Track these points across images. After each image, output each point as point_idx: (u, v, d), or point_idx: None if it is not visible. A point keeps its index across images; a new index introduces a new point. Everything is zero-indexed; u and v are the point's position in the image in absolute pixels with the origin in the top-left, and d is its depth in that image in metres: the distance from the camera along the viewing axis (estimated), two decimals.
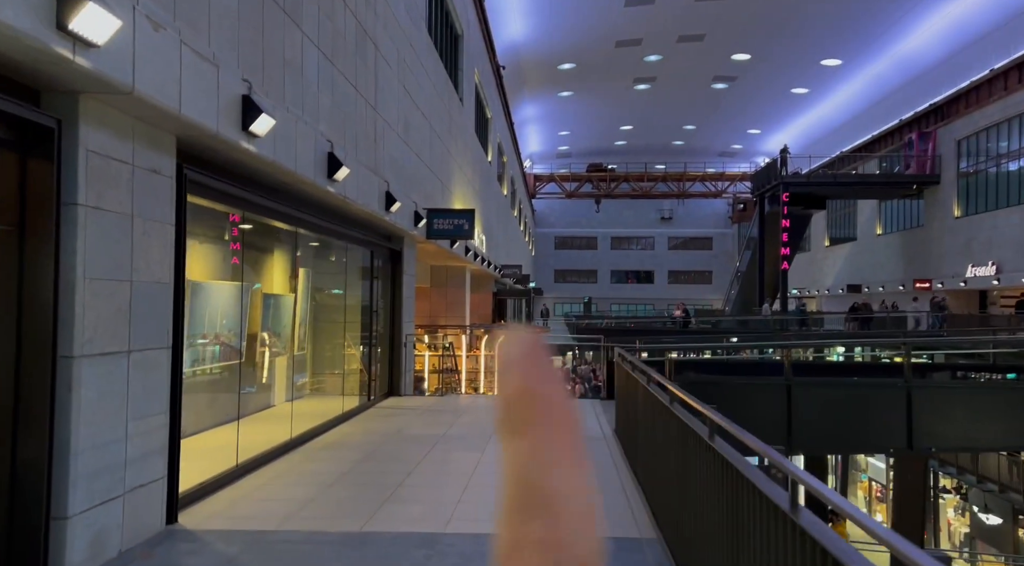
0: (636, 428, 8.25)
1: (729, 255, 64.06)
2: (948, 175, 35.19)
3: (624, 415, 9.69)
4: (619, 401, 10.26)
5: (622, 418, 9.99)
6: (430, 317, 22.48)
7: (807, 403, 10.38)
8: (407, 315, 14.86)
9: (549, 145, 54.82)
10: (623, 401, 9.88)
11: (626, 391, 9.49)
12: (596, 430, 11.03)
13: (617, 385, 10.35)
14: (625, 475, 8.31)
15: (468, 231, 14.98)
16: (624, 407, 9.71)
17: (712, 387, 10.24)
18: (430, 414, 12.41)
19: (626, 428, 9.35)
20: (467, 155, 22.91)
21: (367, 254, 13.25)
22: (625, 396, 9.59)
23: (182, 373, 6.50)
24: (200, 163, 6.85)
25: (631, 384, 8.87)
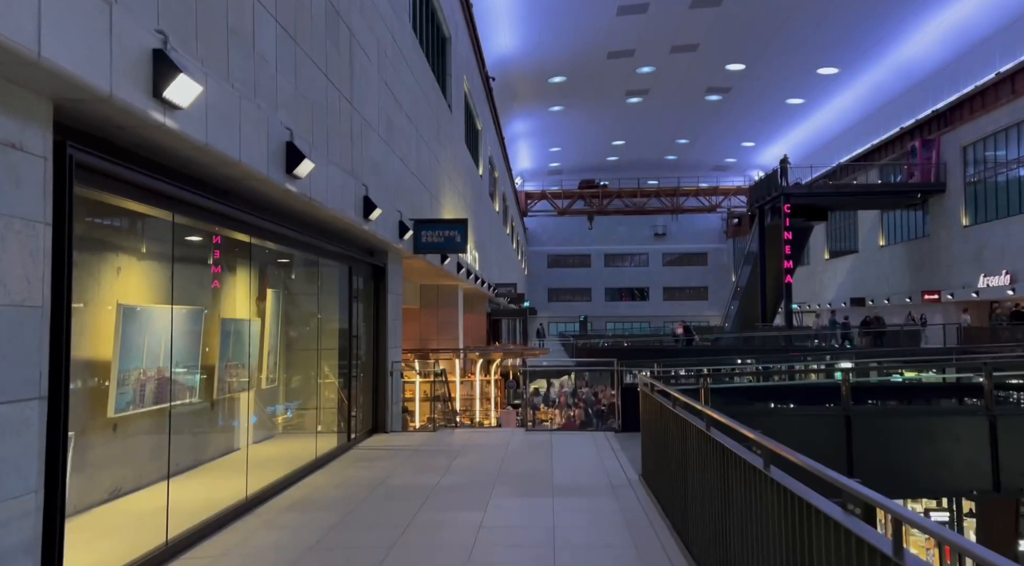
0: (679, 478, 6.40)
1: (725, 270, 62.45)
2: (954, 183, 33.66)
3: (656, 457, 7.83)
4: (647, 439, 8.42)
5: (652, 460, 8.13)
6: (420, 340, 20.57)
7: (870, 436, 8.56)
8: (393, 340, 12.98)
9: (540, 162, 53.21)
10: (653, 440, 8.03)
11: (659, 428, 7.64)
12: (617, 475, 9.14)
13: (644, 420, 8.52)
14: (667, 538, 6.44)
15: (461, 244, 13.15)
16: (656, 447, 7.86)
17: (755, 419, 8.38)
18: (420, 456, 10.50)
19: (660, 474, 7.49)
20: (457, 166, 21.14)
21: (345, 271, 11.39)
22: (657, 434, 7.74)
23: (66, 432, 4.60)
24: (100, 145, 5.01)
25: (667, 420, 7.03)
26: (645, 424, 8.60)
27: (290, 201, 7.94)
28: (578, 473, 9.16)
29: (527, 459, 10.10)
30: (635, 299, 63.11)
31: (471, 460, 10.09)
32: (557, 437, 11.95)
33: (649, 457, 8.37)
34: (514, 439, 11.83)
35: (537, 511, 7.34)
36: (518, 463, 9.80)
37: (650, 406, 8.24)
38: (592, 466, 9.62)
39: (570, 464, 9.74)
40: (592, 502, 7.74)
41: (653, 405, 8.05)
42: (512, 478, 8.88)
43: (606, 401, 24.47)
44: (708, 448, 5.29)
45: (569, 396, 23.85)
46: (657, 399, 7.67)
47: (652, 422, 8.17)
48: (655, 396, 7.88)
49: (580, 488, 8.34)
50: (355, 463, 10.02)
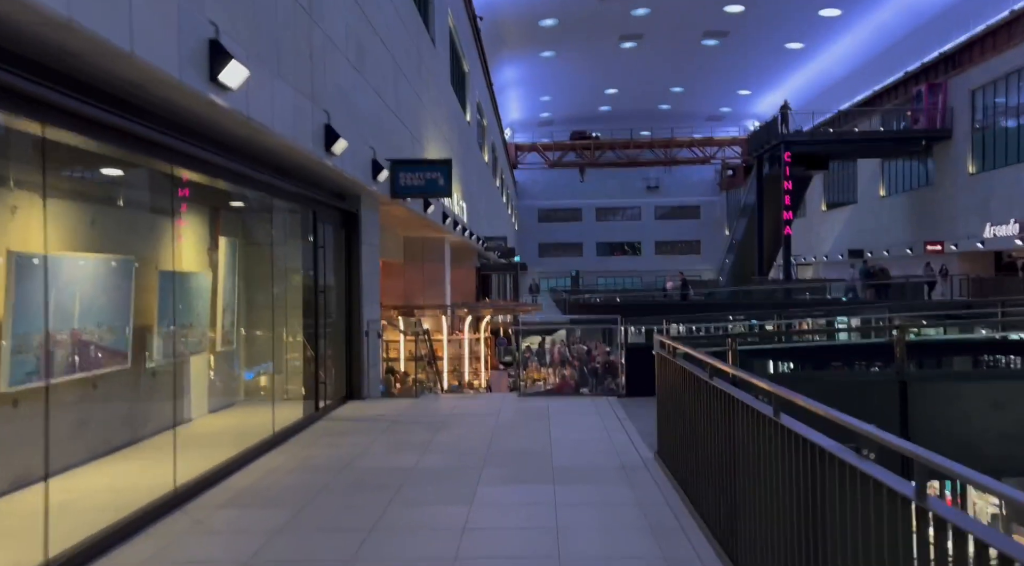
0: (720, 469, 4.91)
1: (718, 224, 60.87)
2: (961, 129, 31.97)
3: (679, 435, 6.34)
4: (665, 412, 6.91)
5: (673, 437, 6.64)
6: (405, 296, 18.98)
7: (929, 405, 7.10)
8: (369, 296, 11.39)
9: (530, 112, 51.06)
10: (674, 414, 6.53)
11: (683, 400, 6.14)
12: (627, 452, 7.65)
13: (662, 389, 7.02)
14: (703, 546, 4.96)
15: (444, 187, 11.49)
16: (678, 423, 6.36)
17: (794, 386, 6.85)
18: (398, 429, 8.98)
19: (686, 457, 6.01)
20: (442, 109, 19.32)
21: (308, 217, 9.73)
22: (680, 408, 6.24)
23: None
24: None
25: (699, 393, 5.52)
26: (663, 394, 7.09)
27: (223, 121, 6.26)
28: (581, 450, 7.67)
29: (521, 432, 8.61)
30: (627, 254, 61.58)
31: (457, 434, 8.58)
32: (554, 404, 10.46)
33: (668, 433, 6.88)
34: (506, 407, 10.34)
35: (535, 506, 5.85)
36: (511, 438, 8.31)
37: (670, 373, 6.72)
38: (597, 440, 8.13)
39: (571, 438, 8.26)
40: (602, 491, 6.25)
41: (674, 372, 6.53)
42: (504, 458, 7.38)
43: (601, 359, 23.07)
44: (776, 439, 3.76)
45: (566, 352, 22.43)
46: (682, 366, 6.14)
47: (672, 392, 6.65)
48: (677, 361, 6.35)
49: (585, 471, 6.86)
50: (321, 438, 8.50)
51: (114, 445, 7.69)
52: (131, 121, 5.26)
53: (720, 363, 4.97)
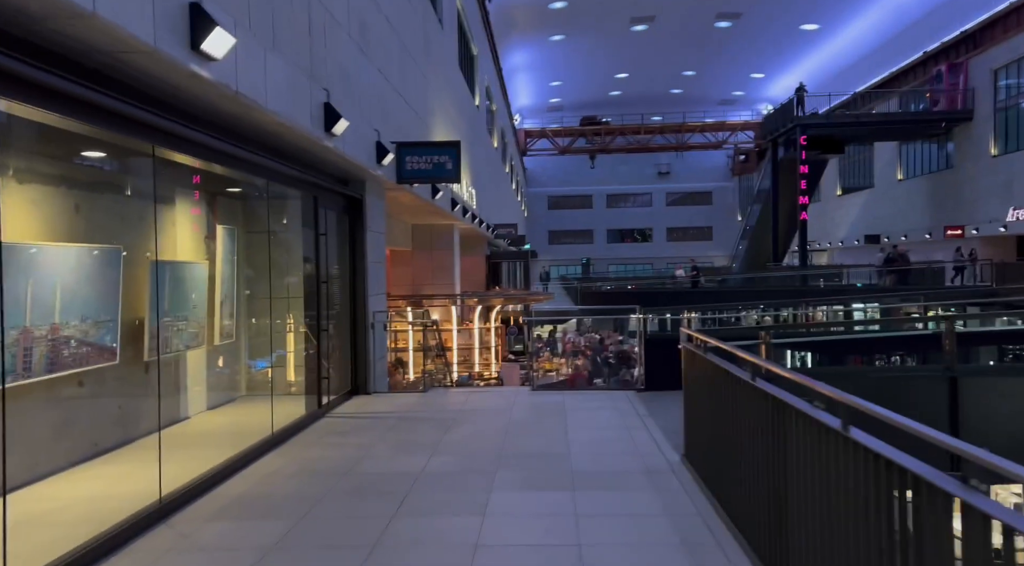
0: (763, 485, 4.35)
1: (730, 209, 60.03)
2: (983, 110, 31.07)
3: (710, 437, 5.78)
4: (695, 412, 6.35)
5: (703, 440, 6.08)
6: (413, 286, 18.46)
7: (982, 402, 6.50)
8: (374, 286, 10.84)
9: (540, 98, 50.25)
10: (705, 414, 5.97)
11: (716, 400, 5.58)
12: (651, 454, 7.10)
13: (690, 386, 6.45)
14: (733, 551, 4.41)
15: (452, 171, 10.91)
16: (710, 425, 5.80)
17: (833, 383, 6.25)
18: (405, 426, 8.45)
19: (720, 463, 5.45)
20: (450, 92, 18.70)
21: (310, 203, 9.17)
22: (713, 408, 5.68)
23: None
24: None
25: (736, 394, 4.96)
26: (691, 392, 6.52)
27: (210, 96, 5.70)
28: (601, 452, 7.12)
29: (536, 431, 8.06)
30: (638, 240, 60.84)
31: (467, 432, 8.04)
32: (570, 399, 9.91)
33: (697, 435, 6.31)
34: (518, 402, 9.79)
35: (555, 517, 5.30)
36: (525, 437, 7.76)
37: (699, 370, 6.15)
38: (617, 440, 7.58)
39: (590, 437, 7.70)
40: (626, 500, 5.70)
41: (704, 369, 5.96)
42: (519, 460, 6.84)
43: (613, 348, 22.49)
44: (845, 455, 3.19)
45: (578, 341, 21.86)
46: (714, 362, 5.56)
47: (703, 391, 6.09)
48: (709, 357, 5.78)
49: (607, 476, 6.30)
50: (323, 437, 7.97)
51: (103, 447, 7.21)
52: (105, 95, 4.70)
53: (772, 365, 4.38)
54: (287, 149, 8.01)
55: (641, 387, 10.32)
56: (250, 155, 7.04)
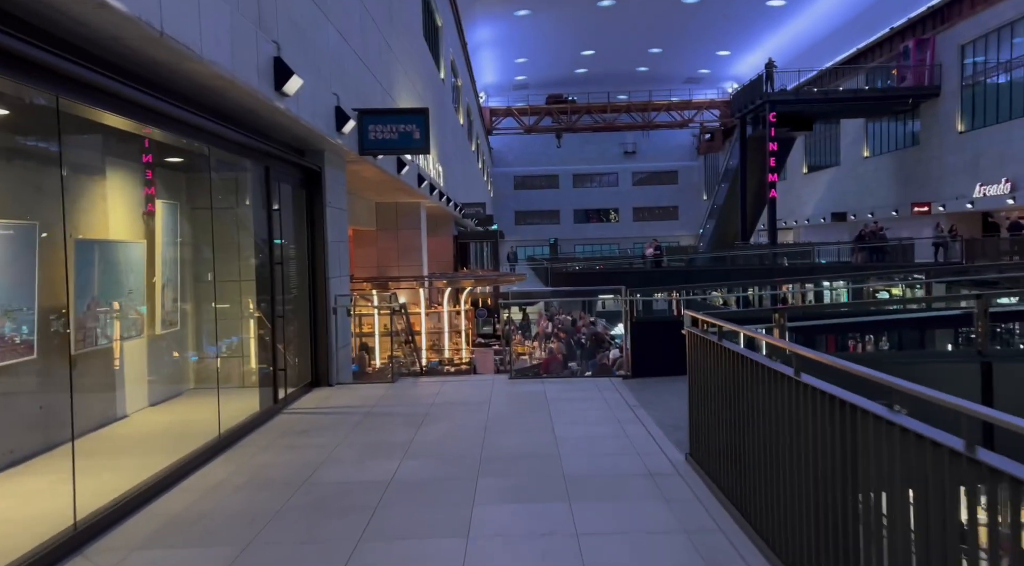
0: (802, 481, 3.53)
1: (696, 189, 59.62)
2: (950, 86, 30.80)
3: (724, 433, 4.96)
4: (703, 406, 5.51)
5: (714, 434, 5.26)
6: (378, 267, 17.44)
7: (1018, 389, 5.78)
8: (336, 267, 9.84)
9: (505, 75, 49.06)
10: (718, 408, 5.14)
11: (732, 393, 4.75)
12: (651, 452, 6.27)
13: (697, 376, 5.61)
14: None
15: (420, 142, 9.92)
16: (723, 418, 4.98)
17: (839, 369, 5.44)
18: (371, 423, 7.51)
19: (738, 461, 4.63)
20: (415, 62, 17.60)
21: (260, 174, 8.12)
22: (728, 402, 4.85)
23: None
24: None
25: (760, 382, 4.14)
26: (698, 383, 5.68)
27: (127, 36, 4.65)
28: (595, 451, 6.27)
29: (519, 427, 7.18)
30: (604, 221, 60.17)
31: (442, 430, 7.12)
32: (552, 388, 9.04)
33: (707, 433, 5.48)
34: (496, 392, 8.90)
35: (552, 537, 4.43)
36: (508, 434, 6.88)
37: (710, 359, 5.31)
38: (611, 436, 6.73)
39: (580, 433, 6.85)
40: (633, 511, 4.85)
41: (716, 357, 5.12)
42: (503, 464, 5.95)
43: (586, 330, 21.72)
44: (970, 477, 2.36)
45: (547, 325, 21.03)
46: (734, 351, 4.72)
47: (714, 382, 5.25)
48: (724, 345, 4.94)
49: (606, 482, 5.45)
50: (279, 438, 7.00)
51: (19, 455, 6.18)
52: None
53: (834, 360, 3.53)
54: (233, 110, 6.97)
55: (627, 374, 9.49)
56: (188, 115, 5.99)
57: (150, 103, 5.36)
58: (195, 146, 7.08)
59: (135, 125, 5.91)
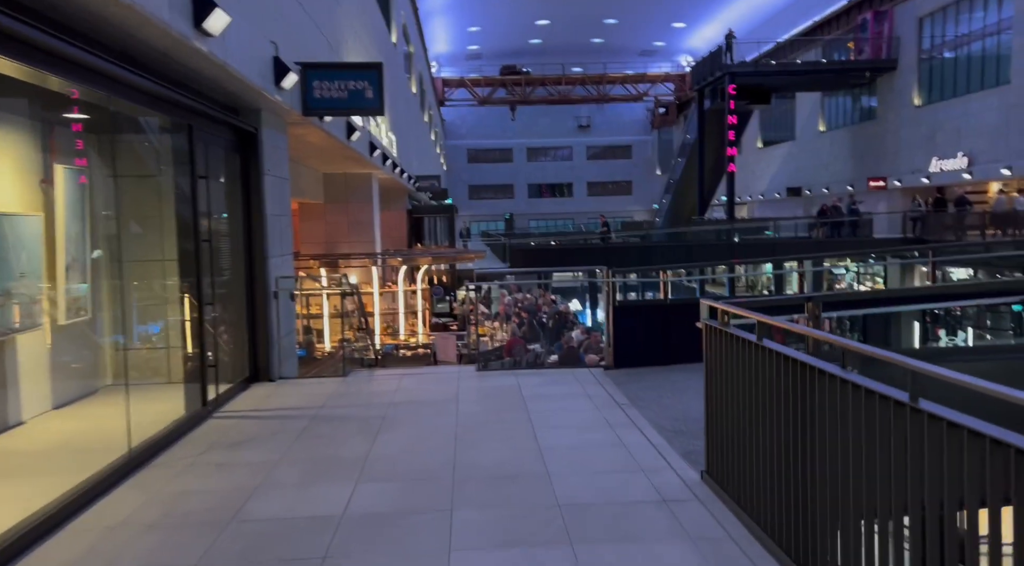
0: None
1: (649, 164, 58.91)
2: (907, 59, 30.31)
3: (757, 451, 3.92)
4: (726, 413, 4.46)
5: (743, 451, 4.22)
6: (327, 244, 16.06)
7: None
8: (277, 245, 8.52)
9: (458, 45, 47.31)
10: (746, 416, 4.10)
11: (772, 399, 3.70)
12: (656, 468, 5.20)
13: (718, 375, 4.55)
14: None
15: (373, 101, 8.61)
16: (755, 432, 3.94)
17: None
18: (320, 429, 6.29)
19: (780, 489, 3.59)
20: (365, 23, 16.10)
21: (182, 133, 6.74)
22: (771, 408, 3.80)
23: None
24: None
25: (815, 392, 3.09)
26: (721, 387, 4.61)
27: None
28: (590, 466, 5.18)
29: (495, 433, 6.04)
30: (558, 196, 59.10)
31: (404, 439, 5.95)
32: (526, 382, 7.91)
33: (732, 450, 4.43)
34: (464, 387, 7.75)
35: None
36: (483, 445, 5.74)
37: (739, 358, 4.25)
38: (604, 445, 5.66)
39: (568, 442, 5.75)
40: (653, 559, 3.77)
41: (748, 357, 4.07)
42: (481, 488, 4.82)
43: (548, 310, 20.66)
44: None
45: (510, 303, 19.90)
46: (774, 351, 3.66)
47: (746, 387, 4.19)
48: (764, 345, 3.87)
49: (612, 512, 4.36)
50: (205, 453, 5.74)
51: None
52: None
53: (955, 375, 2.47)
54: (145, 53, 5.59)
55: (608, 364, 8.43)
56: (86, 56, 4.64)
57: (35, 38, 4.01)
58: (103, 100, 5.70)
59: (23, 69, 4.55)
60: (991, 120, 25.97)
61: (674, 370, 8.04)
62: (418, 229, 23.60)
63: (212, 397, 6.99)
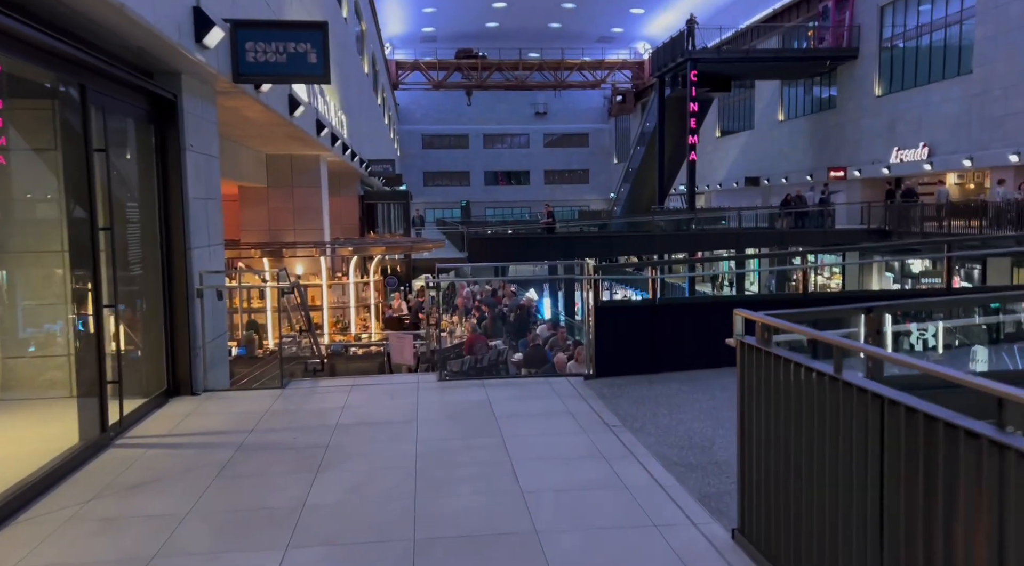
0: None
1: (606, 152, 58.09)
2: (868, 47, 29.86)
3: (802, 504, 2.85)
4: (776, 454, 3.40)
5: (799, 513, 3.15)
6: (270, 231, 14.64)
7: None
8: (202, 234, 7.18)
9: (412, 26, 45.59)
10: (806, 463, 3.03)
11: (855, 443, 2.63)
12: (675, 524, 4.11)
13: (758, 405, 3.47)
14: None
15: (317, 67, 7.31)
16: (816, 481, 2.87)
17: None
18: (247, 464, 5.04)
19: None
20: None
21: (72, 95, 5.37)
22: (835, 455, 2.73)
23: None
24: None
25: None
26: (764, 420, 3.53)
27: None
28: (588, 519, 4.05)
29: (465, 470, 4.86)
30: (514, 183, 57.89)
31: (350, 480, 4.74)
32: (497, 396, 6.73)
33: (781, 506, 3.36)
34: (424, 403, 6.56)
35: None
36: (450, 487, 4.56)
37: (794, 389, 3.17)
38: (601, 486, 4.54)
39: (555, 481, 4.61)
40: None
41: (809, 390, 3.00)
42: (451, 556, 3.66)
43: (509, 302, 19.56)
44: None
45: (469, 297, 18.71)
46: (879, 394, 2.59)
47: (806, 429, 3.12)
48: (843, 380, 2.80)
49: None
50: (91, 504, 4.45)
51: None
52: None
53: None
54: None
55: (589, 372, 7.31)
56: None
57: None
58: None
59: None
60: (952, 111, 25.60)
61: (664, 380, 7.00)
62: (371, 216, 22.20)
63: (115, 419, 5.67)
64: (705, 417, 5.79)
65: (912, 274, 26.25)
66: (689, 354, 7.27)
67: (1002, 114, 23.25)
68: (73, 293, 5.47)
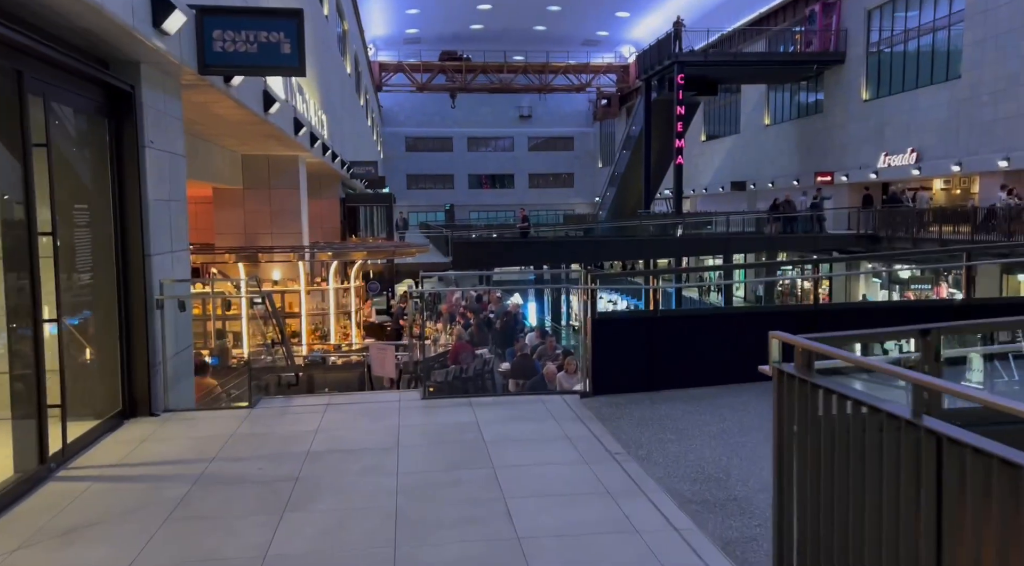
0: None
1: (591, 156, 57.68)
2: (855, 52, 29.60)
3: None
4: (820, 504, 2.84)
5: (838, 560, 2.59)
6: (246, 235, 13.96)
7: None
8: (163, 239, 6.54)
9: (396, 27, 44.91)
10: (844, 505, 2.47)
11: None
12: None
13: (793, 446, 2.91)
14: None
15: (291, 58, 6.70)
16: (853, 532, 2.31)
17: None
18: (201, 504, 4.41)
19: None
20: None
21: (8, 82, 4.72)
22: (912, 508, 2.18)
23: None
24: None
25: None
26: (798, 463, 2.97)
27: None
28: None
29: (452, 512, 4.25)
30: (499, 187, 57.32)
31: (321, 523, 4.12)
32: (486, 417, 6.13)
33: (823, 557, 2.80)
34: (406, 426, 5.95)
35: None
36: (436, 533, 3.95)
37: (855, 430, 2.61)
38: (608, 530, 3.95)
39: (555, 524, 4.01)
40: None
41: (876, 434, 2.44)
42: None
43: (495, 308, 18.98)
44: None
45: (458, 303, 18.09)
46: (983, 451, 2.03)
47: (869, 477, 2.57)
48: (925, 426, 2.24)
49: None
50: (14, 556, 3.81)
51: None
52: None
53: None
54: None
55: (586, 390, 6.73)
56: None
57: None
58: None
59: None
60: (940, 115, 25.34)
61: (666, 399, 6.44)
62: (353, 219, 21.54)
63: (57, 448, 5.02)
64: (717, 443, 5.23)
65: (900, 280, 25.96)
66: (691, 370, 6.73)
67: (991, 119, 22.99)
68: (7, 306, 4.82)
